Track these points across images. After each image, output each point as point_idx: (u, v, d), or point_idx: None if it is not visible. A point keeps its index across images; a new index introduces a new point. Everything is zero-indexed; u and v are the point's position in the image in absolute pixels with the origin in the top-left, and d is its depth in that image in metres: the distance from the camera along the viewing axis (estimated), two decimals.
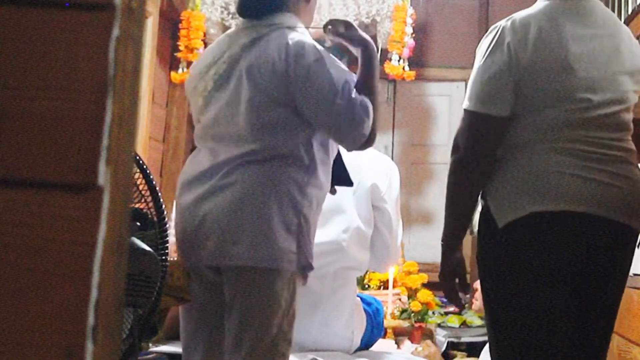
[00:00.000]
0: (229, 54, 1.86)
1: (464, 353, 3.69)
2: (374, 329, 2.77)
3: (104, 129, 0.61)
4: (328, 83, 1.78)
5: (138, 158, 1.58)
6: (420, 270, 3.92)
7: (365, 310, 2.72)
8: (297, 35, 1.83)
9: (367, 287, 3.67)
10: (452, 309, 4.03)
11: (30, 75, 0.61)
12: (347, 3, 4.30)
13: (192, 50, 4.16)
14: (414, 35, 4.31)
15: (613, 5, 3.60)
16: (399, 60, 4.26)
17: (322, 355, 2.42)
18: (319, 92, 1.79)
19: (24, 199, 0.60)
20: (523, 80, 1.75)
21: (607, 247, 1.76)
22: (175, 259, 1.76)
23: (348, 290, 2.56)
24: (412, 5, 4.33)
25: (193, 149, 1.98)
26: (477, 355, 3.43)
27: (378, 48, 2.02)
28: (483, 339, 3.47)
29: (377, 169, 2.58)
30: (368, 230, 2.55)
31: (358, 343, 2.64)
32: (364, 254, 2.56)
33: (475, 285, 3.40)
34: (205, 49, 2.08)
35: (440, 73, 5.02)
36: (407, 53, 4.28)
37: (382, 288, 3.67)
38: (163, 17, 4.23)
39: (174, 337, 2.30)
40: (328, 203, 2.04)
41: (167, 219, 1.63)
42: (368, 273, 3.64)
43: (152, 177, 1.61)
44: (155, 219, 1.59)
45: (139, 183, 1.60)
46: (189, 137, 4.36)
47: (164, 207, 1.62)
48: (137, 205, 1.59)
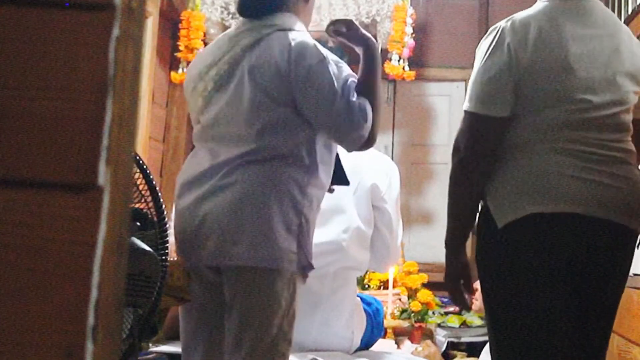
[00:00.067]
0: (231, 55, 1.86)
1: (464, 353, 3.69)
2: (374, 329, 2.77)
3: (104, 129, 0.61)
4: (328, 84, 1.78)
5: (138, 158, 1.58)
6: (420, 270, 3.92)
7: (365, 310, 2.72)
8: (299, 36, 1.83)
9: (367, 287, 3.67)
10: (452, 309, 4.03)
11: (30, 75, 0.61)
12: (347, 3, 4.30)
13: (192, 50, 4.15)
14: (414, 35, 4.30)
15: (613, 5, 3.60)
16: (399, 60, 4.26)
17: (322, 355, 2.42)
18: (319, 92, 1.79)
19: (24, 199, 0.60)
20: (523, 81, 1.75)
21: (606, 247, 1.76)
22: (175, 259, 1.76)
23: (348, 290, 2.56)
24: (412, 5, 4.33)
25: (193, 149, 1.98)
26: (477, 355, 3.43)
27: (378, 48, 2.02)
28: (483, 339, 3.47)
29: (377, 169, 2.58)
30: (368, 230, 2.55)
31: (358, 343, 2.64)
32: (364, 254, 2.56)
33: (475, 285, 3.39)
34: (204, 50, 2.08)
35: (440, 73, 5.02)
36: (407, 53, 4.28)
37: (382, 288, 3.67)
38: (163, 17, 4.23)
39: (174, 337, 2.30)
40: (328, 203, 2.04)
41: (167, 219, 1.63)
42: (368, 273, 3.65)
43: (152, 177, 1.61)
44: (155, 219, 1.59)
45: (139, 183, 1.60)
46: (189, 137, 4.33)
47: (164, 207, 1.62)
48: (137, 205, 1.58)
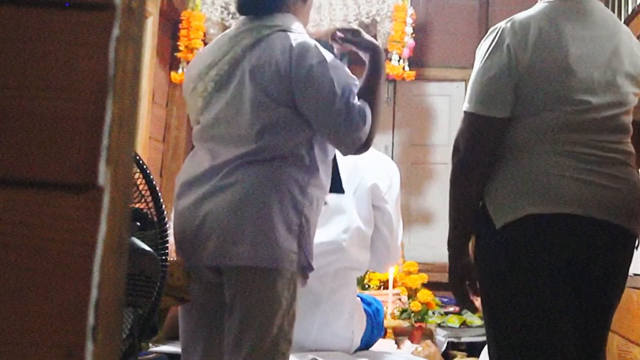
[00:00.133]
0: (231, 55, 1.86)
1: (464, 353, 3.69)
2: (374, 329, 2.77)
3: (104, 129, 0.61)
4: (328, 85, 1.78)
5: (138, 158, 1.58)
6: (420, 270, 3.92)
7: (365, 310, 2.72)
8: (300, 37, 1.84)
9: (367, 287, 3.67)
10: (452, 309, 4.02)
11: (30, 75, 0.61)
12: (347, 3, 4.29)
13: (192, 50, 4.15)
14: (414, 35, 4.30)
15: (613, 5, 3.59)
16: (399, 60, 4.26)
17: (322, 355, 2.42)
18: (319, 92, 1.79)
19: (24, 199, 0.60)
20: (523, 82, 1.75)
21: (606, 249, 1.76)
22: (175, 259, 1.76)
23: (348, 290, 2.56)
24: (412, 5, 4.33)
25: (192, 149, 1.98)
26: (477, 355, 3.43)
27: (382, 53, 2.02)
28: (483, 339, 3.45)
29: (377, 169, 2.58)
30: (368, 230, 2.55)
31: (358, 343, 2.64)
32: (364, 254, 2.56)
33: None
34: (204, 50, 2.08)
35: (440, 73, 5.01)
36: (407, 53, 4.28)
37: (382, 288, 3.67)
38: (163, 17, 4.23)
39: (174, 337, 2.30)
40: (328, 203, 2.04)
41: (167, 219, 1.63)
42: (368, 273, 3.64)
43: (152, 177, 1.61)
44: (155, 219, 1.59)
45: (139, 183, 1.60)
46: (189, 137, 4.32)
47: (164, 207, 1.62)
48: (137, 205, 1.58)
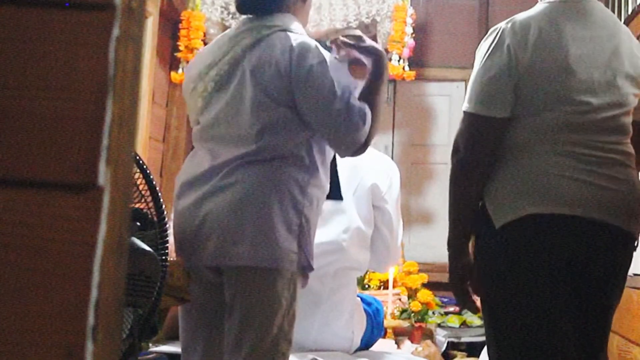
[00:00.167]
0: (231, 55, 1.86)
1: (464, 353, 3.69)
2: (374, 329, 2.77)
3: (104, 129, 0.61)
4: (328, 85, 1.78)
5: (138, 158, 1.58)
6: (420, 270, 3.92)
7: (365, 310, 2.72)
8: (300, 37, 1.84)
9: (367, 287, 3.67)
10: (452, 309, 4.02)
11: (30, 75, 0.61)
12: (347, 3, 4.29)
13: (192, 50, 4.15)
14: (414, 35, 4.30)
15: (613, 5, 3.59)
16: (399, 60, 4.26)
17: (322, 355, 2.42)
18: (319, 92, 1.79)
19: (24, 199, 0.60)
20: (523, 82, 1.75)
21: (605, 249, 1.76)
22: (175, 259, 1.76)
23: (348, 290, 2.56)
24: (412, 5, 4.33)
25: (192, 150, 1.98)
26: (477, 355, 3.43)
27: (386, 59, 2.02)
28: (483, 339, 3.44)
29: (377, 169, 2.58)
30: (368, 230, 2.55)
31: (358, 343, 2.64)
32: (364, 254, 2.56)
33: None
34: (204, 50, 2.08)
35: (440, 73, 5.02)
36: (407, 53, 4.28)
37: (382, 288, 3.67)
38: (163, 17, 4.23)
39: (174, 337, 2.30)
40: (328, 203, 2.03)
41: (167, 219, 1.63)
42: (368, 273, 3.64)
43: (152, 177, 1.61)
44: (155, 219, 1.59)
45: (139, 183, 1.60)
46: (189, 137, 4.32)
47: (164, 207, 1.62)
48: (137, 205, 1.58)
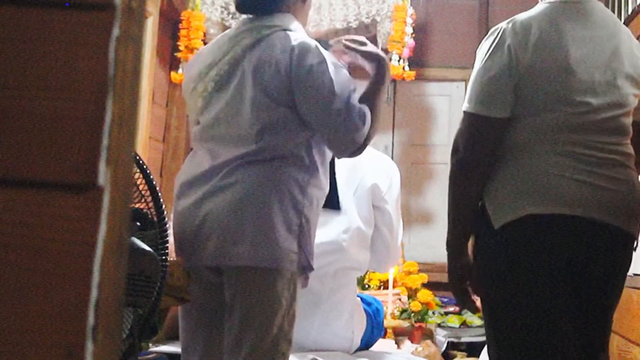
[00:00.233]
0: (231, 55, 1.86)
1: (464, 353, 3.69)
2: (374, 329, 2.77)
3: (104, 129, 0.61)
4: (328, 85, 1.79)
5: (138, 158, 1.58)
6: (420, 270, 3.92)
7: (365, 310, 2.72)
8: (300, 37, 1.84)
9: (367, 287, 3.67)
10: (452, 309, 4.03)
11: (30, 75, 0.61)
12: (347, 3, 4.29)
13: (192, 50, 4.15)
14: (414, 35, 4.30)
15: (613, 5, 3.59)
16: (399, 60, 4.26)
17: (322, 355, 2.42)
18: (319, 92, 1.79)
19: (24, 199, 0.60)
20: (523, 82, 1.75)
21: (605, 250, 1.76)
22: (175, 259, 1.76)
23: (348, 290, 2.56)
24: (412, 5, 4.33)
25: (192, 150, 1.98)
26: (477, 355, 3.43)
27: (378, 48, 2.02)
28: (483, 339, 3.44)
29: (377, 169, 2.58)
30: (368, 231, 2.55)
31: (358, 343, 2.64)
32: (364, 254, 2.56)
33: None
34: (204, 50, 2.08)
35: (440, 73, 5.01)
36: (407, 53, 4.28)
37: (382, 288, 3.67)
38: (163, 17, 4.23)
39: (174, 337, 2.30)
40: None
41: (167, 219, 1.63)
42: (368, 273, 3.64)
43: (152, 177, 1.61)
44: (155, 219, 1.59)
45: (139, 183, 1.60)
46: (189, 137, 4.35)
47: (164, 207, 1.62)
48: (137, 205, 1.58)
